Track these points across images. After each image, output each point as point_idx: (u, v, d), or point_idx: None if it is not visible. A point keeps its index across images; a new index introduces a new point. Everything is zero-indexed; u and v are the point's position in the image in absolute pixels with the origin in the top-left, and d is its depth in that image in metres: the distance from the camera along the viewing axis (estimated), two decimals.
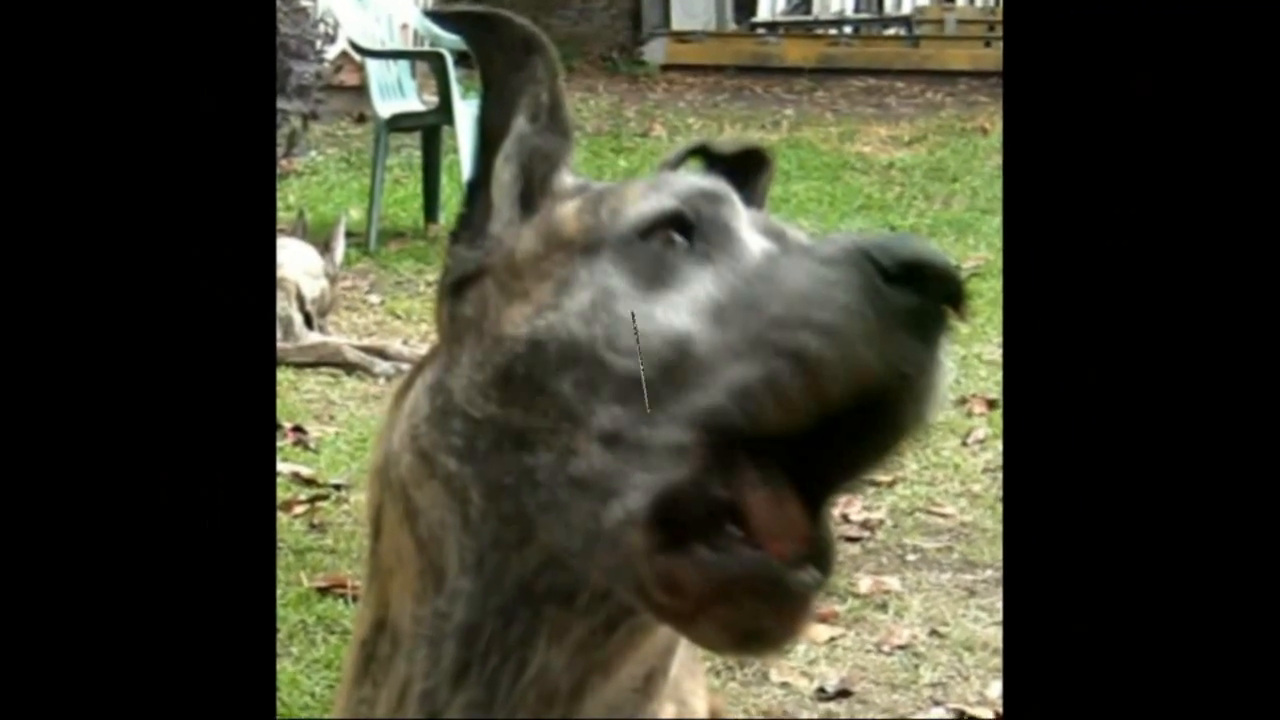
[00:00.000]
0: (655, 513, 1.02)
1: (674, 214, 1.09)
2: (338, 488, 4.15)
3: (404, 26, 8.16)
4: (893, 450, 1.04)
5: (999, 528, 3.87)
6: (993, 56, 11.65)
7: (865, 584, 3.66)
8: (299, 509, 4.01)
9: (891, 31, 12.61)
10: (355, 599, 3.32)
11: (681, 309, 1.05)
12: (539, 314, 1.08)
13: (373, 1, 7.50)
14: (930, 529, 4.02)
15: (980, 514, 4.09)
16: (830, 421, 0.99)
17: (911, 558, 3.84)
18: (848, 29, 12.72)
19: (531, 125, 1.16)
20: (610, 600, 1.09)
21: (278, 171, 8.20)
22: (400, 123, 7.18)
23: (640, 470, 1.02)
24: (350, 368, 5.36)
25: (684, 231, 1.08)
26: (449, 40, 7.46)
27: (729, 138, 1.23)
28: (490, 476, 1.08)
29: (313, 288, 5.66)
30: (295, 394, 5.12)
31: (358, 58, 7.53)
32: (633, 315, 1.05)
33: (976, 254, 6.87)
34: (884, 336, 0.98)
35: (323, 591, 3.52)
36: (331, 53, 8.71)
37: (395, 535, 1.14)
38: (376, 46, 7.29)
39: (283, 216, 7.01)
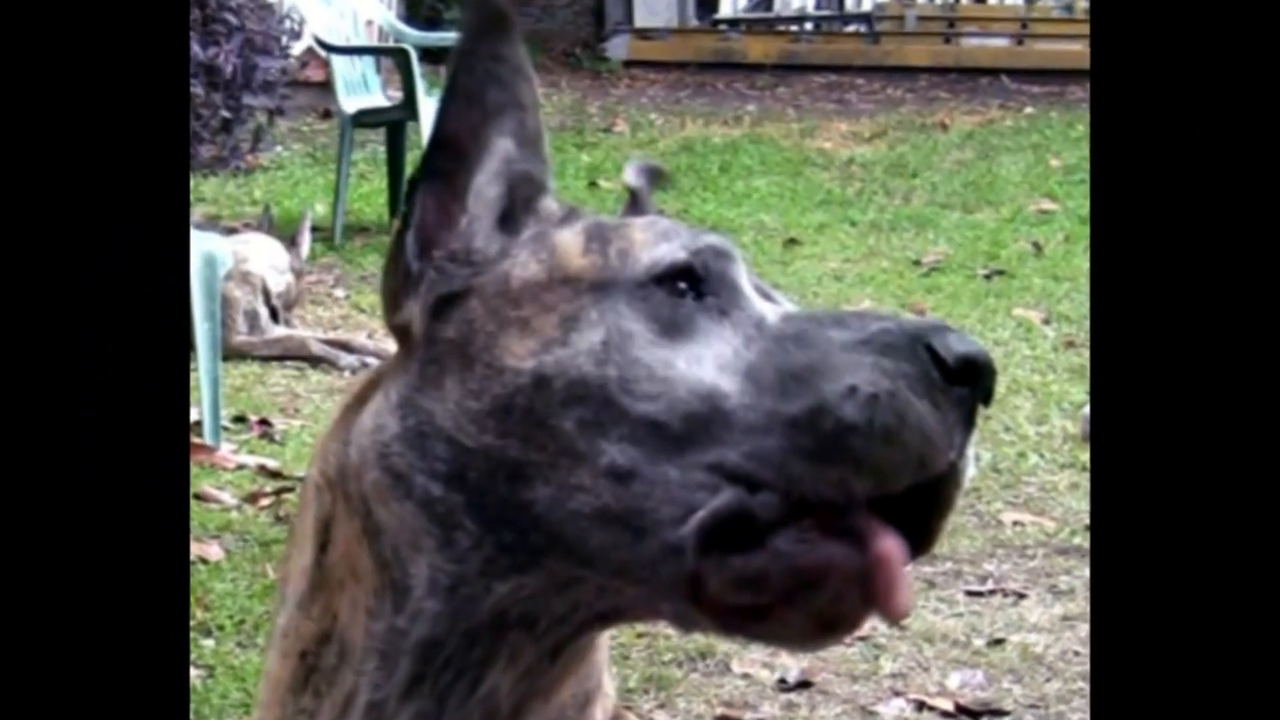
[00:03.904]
0: (711, 535, 1.02)
1: (685, 266, 1.09)
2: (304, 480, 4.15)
3: (369, 23, 8.20)
4: (939, 528, 1.07)
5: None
6: (952, 53, 11.80)
7: None
8: (265, 501, 4.05)
9: (852, 29, 12.69)
10: None
11: (706, 361, 1.06)
12: (546, 349, 1.07)
13: None
14: None
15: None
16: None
17: None
18: (809, 26, 12.84)
19: (520, 151, 1.15)
20: (563, 626, 1.10)
21: (244, 166, 8.30)
22: (365, 118, 7.22)
23: (665, 504, 1.03)
24: (315, 361, 5.39)
25: (693, 284, 1.09)
26: (413, 37, 7.67)
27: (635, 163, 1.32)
28: (488, 506, 1.08)
29: (278, 282, 5.73)
30: (262, 387, 5.14)
31: (323, 54, 7.58)
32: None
33: (936, 249, 6.92)
34: (948, 434, 1.02)
35: None
36: (297, 49, 8.75)
37: (350, 550, 1.12)
38: (342, 43, 7.33)
39: (250, 211, 7.06)
